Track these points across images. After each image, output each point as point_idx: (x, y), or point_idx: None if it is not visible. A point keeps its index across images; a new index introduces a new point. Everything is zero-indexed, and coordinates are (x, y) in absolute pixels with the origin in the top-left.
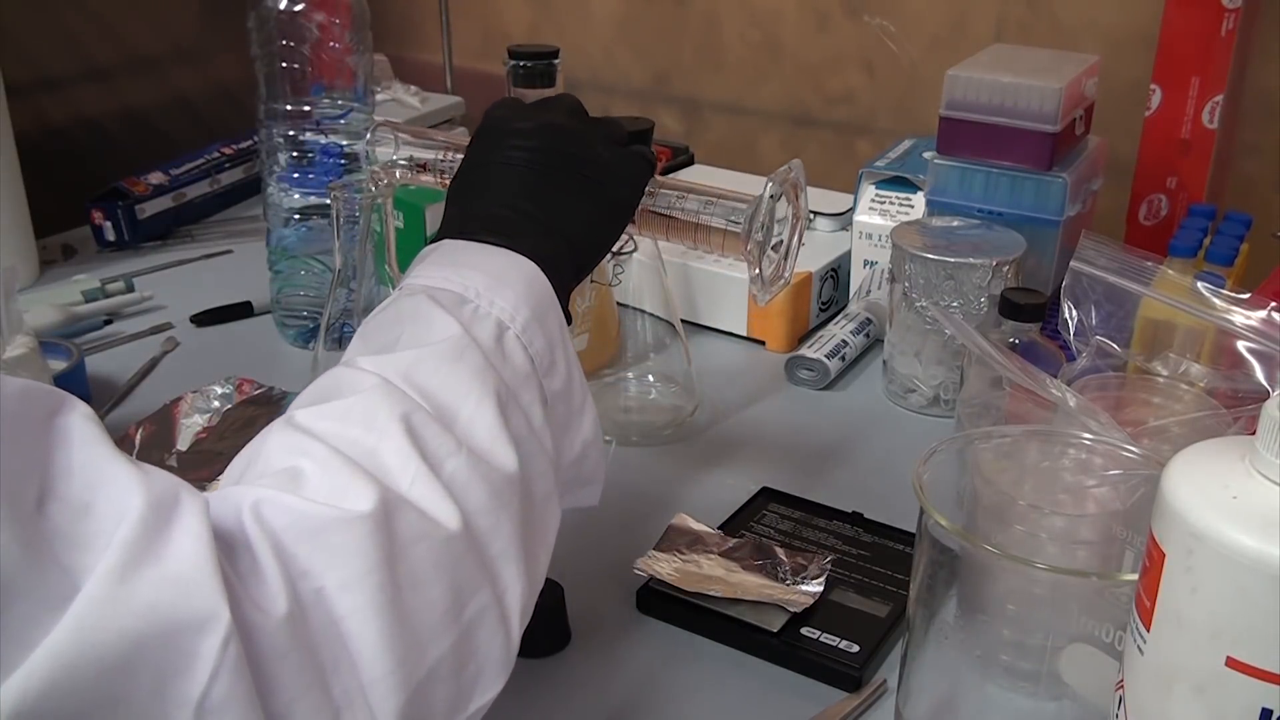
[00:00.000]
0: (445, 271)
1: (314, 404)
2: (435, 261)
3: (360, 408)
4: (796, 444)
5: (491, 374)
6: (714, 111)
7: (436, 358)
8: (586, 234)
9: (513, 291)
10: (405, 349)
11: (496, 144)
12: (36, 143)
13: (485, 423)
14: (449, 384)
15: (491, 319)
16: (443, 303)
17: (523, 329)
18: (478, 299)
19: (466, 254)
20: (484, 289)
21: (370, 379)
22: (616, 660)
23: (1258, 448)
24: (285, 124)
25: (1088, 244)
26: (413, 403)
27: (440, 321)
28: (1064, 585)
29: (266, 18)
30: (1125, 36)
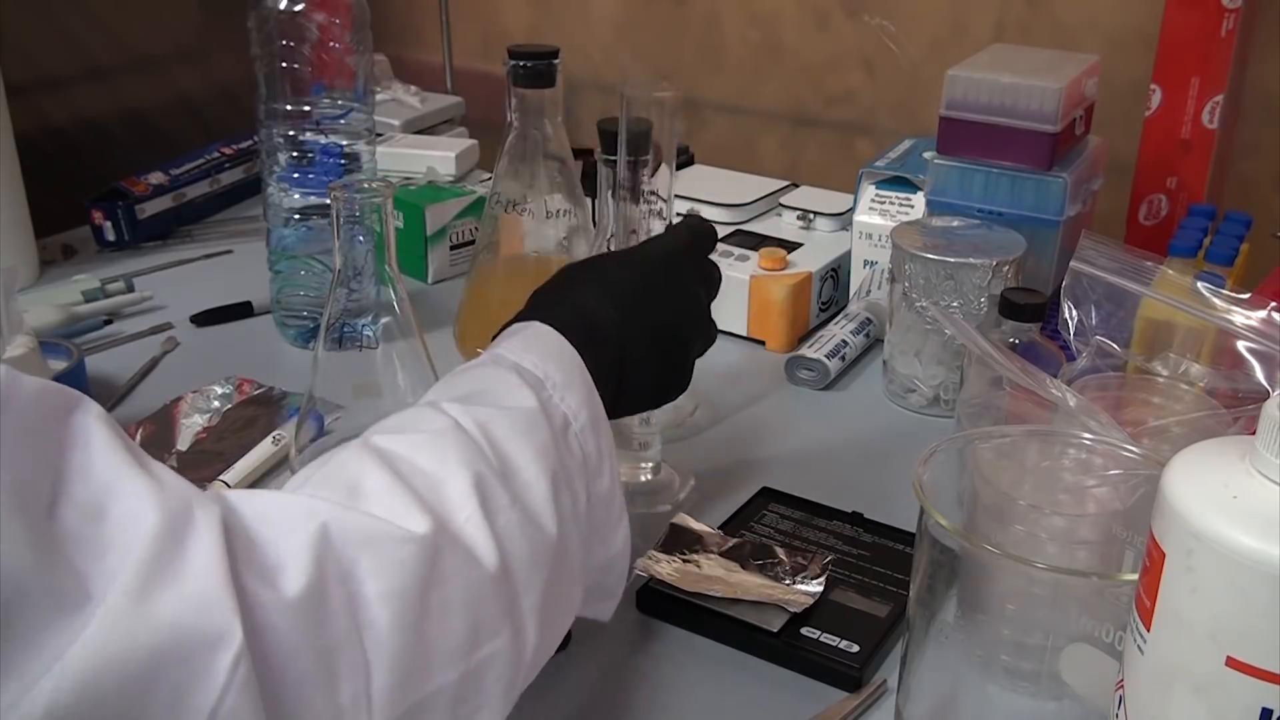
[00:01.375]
0: (533, 356)
1: (393, 432)
2: (527, 343)
3: (435, 444)
4: (796, 444)
5: (554, 453)
6: (714, 111)
7: (511, 421)
8: (643, 395)
9: (577, 396)
10: (486, 405)
11: (652, 269)
12: (36, 143)
13: (540, 490)
14: (517, 447)
15: (560, 412)
16: (526, 379)
17: (581, 429)
18: (553, 390)
19: (553, 346)
20: (560, 383)
21: (449, 421)
22: (616, 660)
23: (1258, 448)
24: (285, 124)
25: (1088, 244)
26: (482, 453)
27: (521, 394)
28: (1064, 585)
29: (266, 18)
30: (1125, 36)
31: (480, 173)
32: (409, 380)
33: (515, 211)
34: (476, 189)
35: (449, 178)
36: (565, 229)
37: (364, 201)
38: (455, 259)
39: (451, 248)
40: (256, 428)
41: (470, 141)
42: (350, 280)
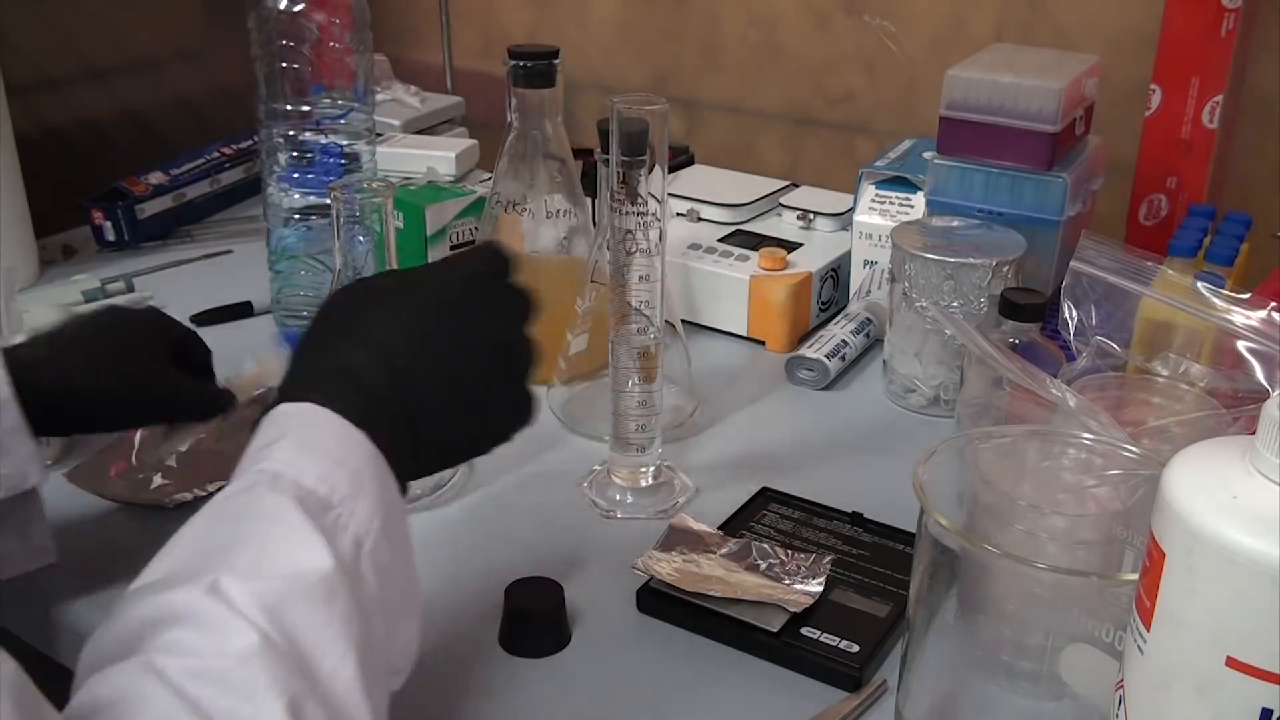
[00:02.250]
0: (313, 465)
1: (173, 635)
2: (302, 445)
3: (238, 672)
4: (796, 444)
5: (356, 617)
6: (714, 111)
7: (307, 598)
8: (450, 449)
9: (369, 499)
10: (273, 574)
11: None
12: (36, 143)
13: (346, 678)
14: (317, 630)
15: (350, 532)
16: (310, 512)
17: (375, 544)
18: (340, 505)
19: (331, 438)
20: (347, 494)
21: (241, 629)
22: (616, 660)
23: (1258, 448)
24: (285, 124)
25: (1088, 244)
26: (289, 666)
27: (310, 544)
28: (1064, 585)
29: (266, 18)
30: (1125, 36)
31: (480, 173)
32: None
33: (515, 211)
34: (476, 189)
35: (449, 178)
36: (565, 229)
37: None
38: None
39: (451, 248)
40: None
41: (470, 141)
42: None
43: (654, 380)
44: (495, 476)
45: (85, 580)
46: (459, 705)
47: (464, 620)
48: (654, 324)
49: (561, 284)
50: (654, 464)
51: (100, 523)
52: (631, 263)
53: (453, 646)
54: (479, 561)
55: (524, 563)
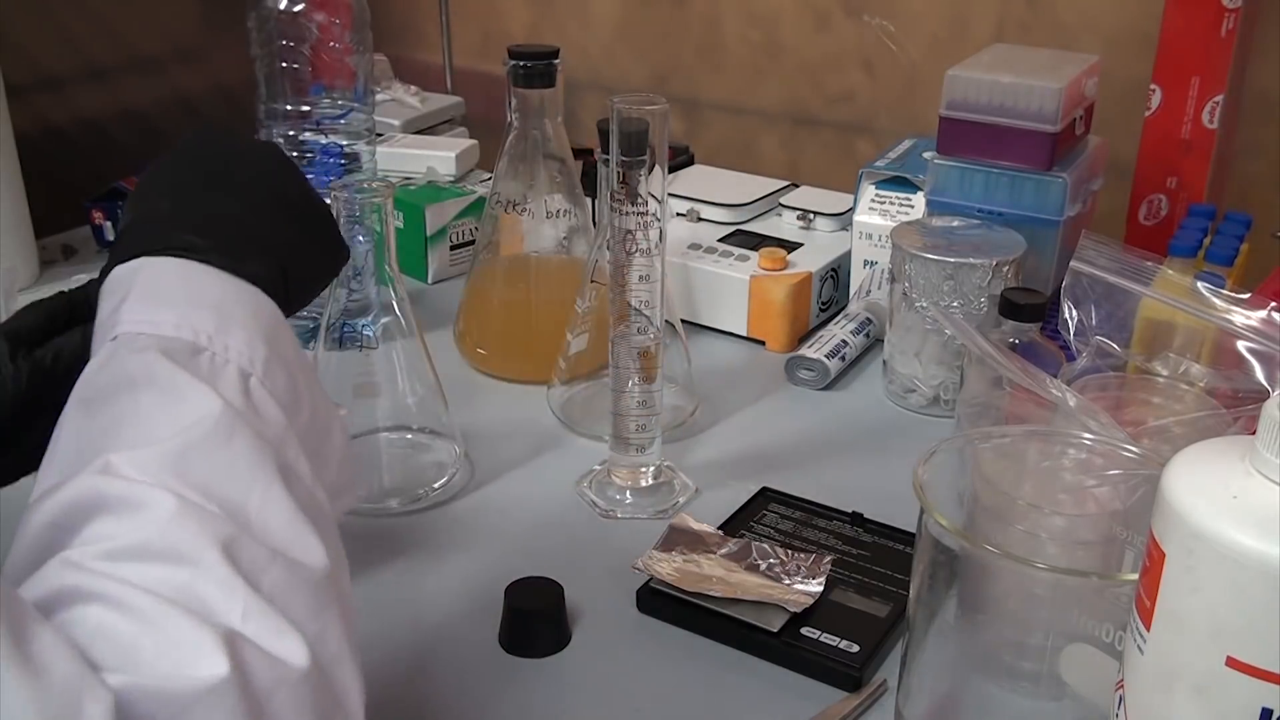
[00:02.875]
0: (162, 310)
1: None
2: (142, 295)
3: (159, 539)
4: (796, 444)
5: (264, 448)
6: (714, 111)
7: (205, 445)
8: (272, 233)
9: (242, 328)
10: (162, 436)
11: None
12: (36, 143)
13: (278, 510)
14: (228, 474)
15: (233, 369)
16: (180, 360)
17: (264, 371)
18: (210, 344)
19: (168, 278)
20: (214, 330)
21: (153, 497)
22: (616, 660)
23: (1258, 448)
24: (285, 124)
25: (1088, 244)
26: (214, 517)
27: (191, 392)
28: (1064, 585)
29: (266, 18)
30: (1125, 36)
31: (480, 173)
32: (409, 380)
33: (515, 211)
34: (476, 189)
35: (449, 178)
36: (565, 229)
37: (364, 201)
38: (455, 259)
39: (451, 248)
40: None
41: (470, 141)
42: (350, 280)
43: (654, 380)
44: (495, 476)
45: None
46: (458, 705)
47: (463, 620)
48: (654, 324)
49: (561, 284)
50: (654, 464)
51: None
52: (631, 263)
53: (452, 647)
54: (479, 561)
55: (524, 563)
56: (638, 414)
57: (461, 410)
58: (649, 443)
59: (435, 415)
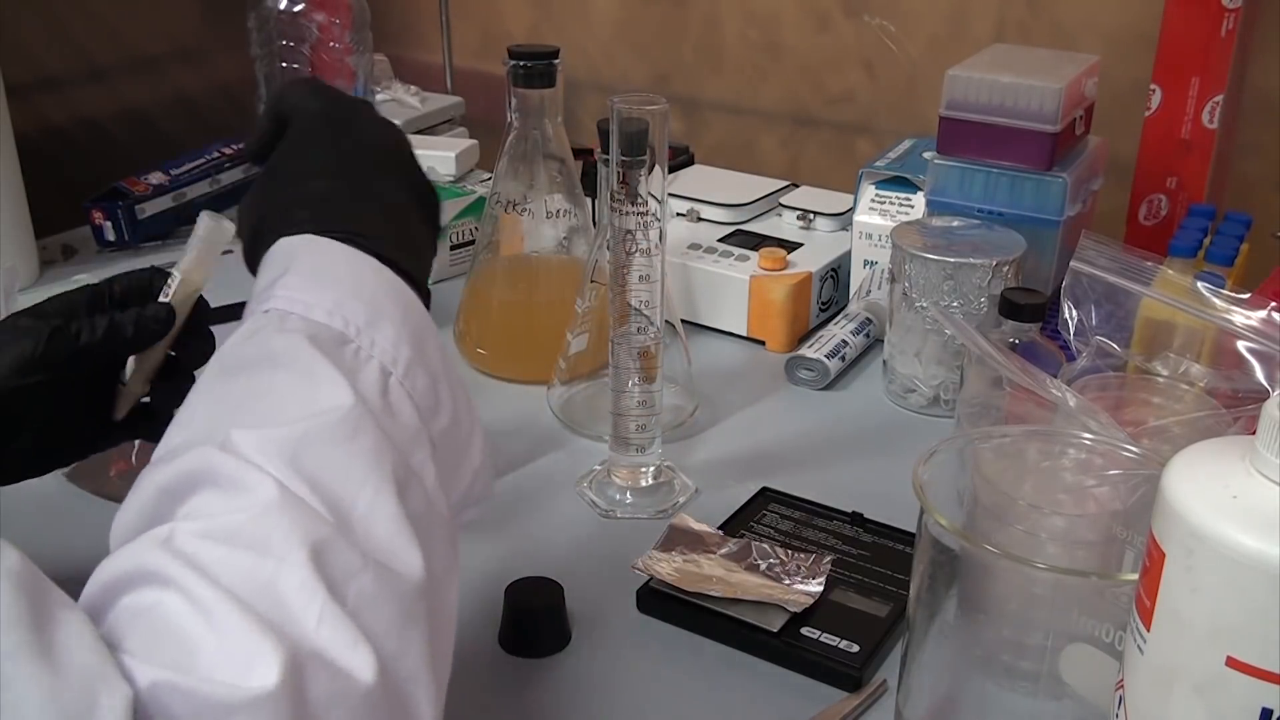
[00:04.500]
0: (319, 293)
1: (190, 500)
2: (309, 277)
3: (252, 527)
4: (796, 444)
5: (388, 450)
6: (714, 111)
7: (327, 437)
8: (419, 232)
9: (391, 325)
10: (288, 419)
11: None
12: (36, 143)
13: (385, 515)
14: (343, 470)
15: (374, 364)
16: (324, 348)
17: (405, 372)
18: (358, 337)
19: (331, 261)
20: (364, 324)
21: (258, 481)
22: (616, 660)
23: (1258, 448)
24: None
25: (1088, 244)
26: (310, 510)
27: (327, 381)
28: (1064, 585)
29: (266, 18)
30: (1125, 36)
31: (480, 173)
32: None
33: (515, 211)
34: (476, 189)
35: (449, 178)
36: (565, 229)
37: None
38: (455, 259)
39: (451, 248)
40: None
41: (470, 141)
42: None
43: (654, 380)
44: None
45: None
46: (458, 705)
47: (463, 620)
48: (654, 324)
49: (561, 284)
50: (654, 464)
51: (100, 523)
52: (631, 263)
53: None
54: (479, 561)
55: (524, 563)
56: (638, 414)
57: None
58: (649, 443)
59: None
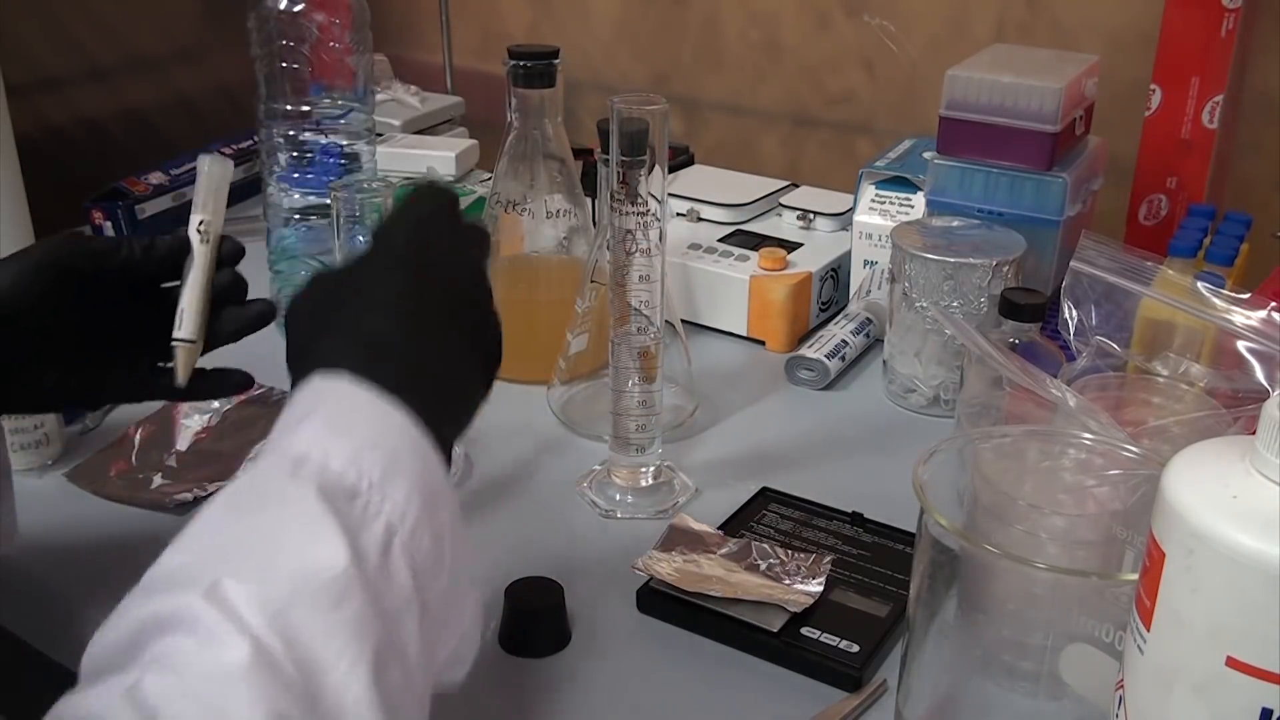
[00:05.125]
0: (339, 440)
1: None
2: (328, 418)
3: (218, 690)
4: (796, 444)
5: (374, 621)
6: (714, 111)
7: (314, 600)
8: (469, 392)
9: (406, 481)
10: (281, 574)
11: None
12: (36, 143)
13: (356, 693)
14: (323, 637)
15: (381, 521)
16: (333, 501)
17: (411, 532)
18: (369, 491)
19: (358, 408)
20: (378, 477)
21: (236, 641)
22: (616, 660)
23: (1258, 448)
24: (285, 124)
25: (1088, 244)
26: (282, 684)
27: (327, 540)
28: (1064, 585)
29: (266, 18)
30: (1125, 36)
31: (480, 173)
32: None
33: (515, 211)
34: (476, 189)
35: (449, 178)
36: (565, 229)
37: (364, 201)
38: None
39: None
40: (256, 428)
41: (470, 141)
42: None
43: (654, 380)
44: (495, 476)
45: (86, 580)
46: (458, 705)
47: None
48: (654, 324)
49: (561, 284)
50: (654, 464)
51: (100, 523)
52: (631, 263)
53: None
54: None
55: (524, 563)
56: (638, 414)
57: None
58: (649, 443)
59: None
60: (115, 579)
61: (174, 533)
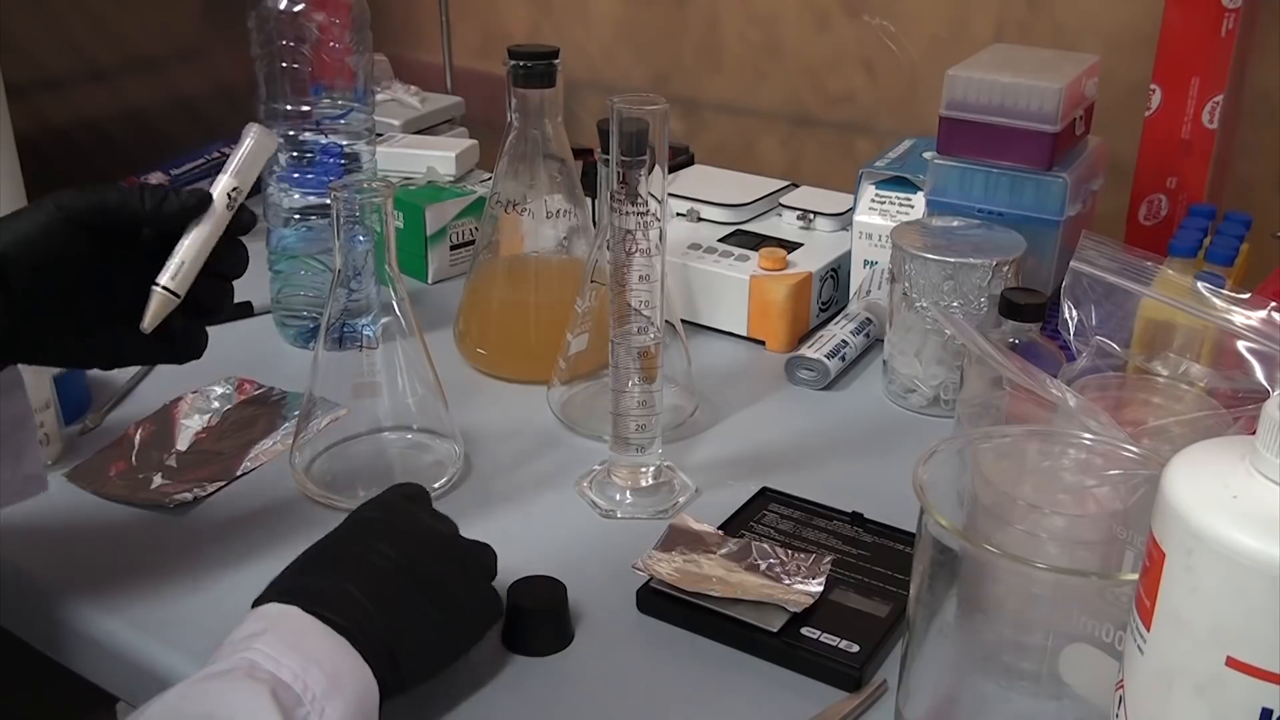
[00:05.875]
0: (290, 657)
1: None
2: (282, 636)
3: None
4: (796, 444)
5: None
6: (714, 111)
7: None
8: (422, 657)
9: (342, 703)
10: None
11: (363, 536)
12: (36, 143)
13: None
14: None
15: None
16: (282, 705)
17: None
18: (311, 704)
19: (312, 636)
20: (320, 693)
21: None
22: (616, 660)
23: (1258, 448)
24: (285, 124)
25: (1088, 244)
26: None
27: None
28: (1064, 585)
29: (266, 18)
30: (1125, 36)
31: (480, 173)
32: (409, 380)
33: (515, 211)
34: (476, 189)
35: (449, 178)
36: (565, 229)
37: (364, 201)
38: (455, 259)
39: (451, 248)
40: (256, 428)
41: (470, 141)
42: (350, 280)
43: (654, 380)
44: (495, 476)
45: (86, 580)
46: (461, 703)
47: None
48: (654, 324)
49: (561, 284)
50: (654, 464)
51: (100, 523)
52: (631, 263)
53: None
54: None
55: (524, 562)
56: (638, 414)
57: (461, 410)
58: (649, 443)
59: (435, 415)
60: (115, 579)
61: (174, 532)
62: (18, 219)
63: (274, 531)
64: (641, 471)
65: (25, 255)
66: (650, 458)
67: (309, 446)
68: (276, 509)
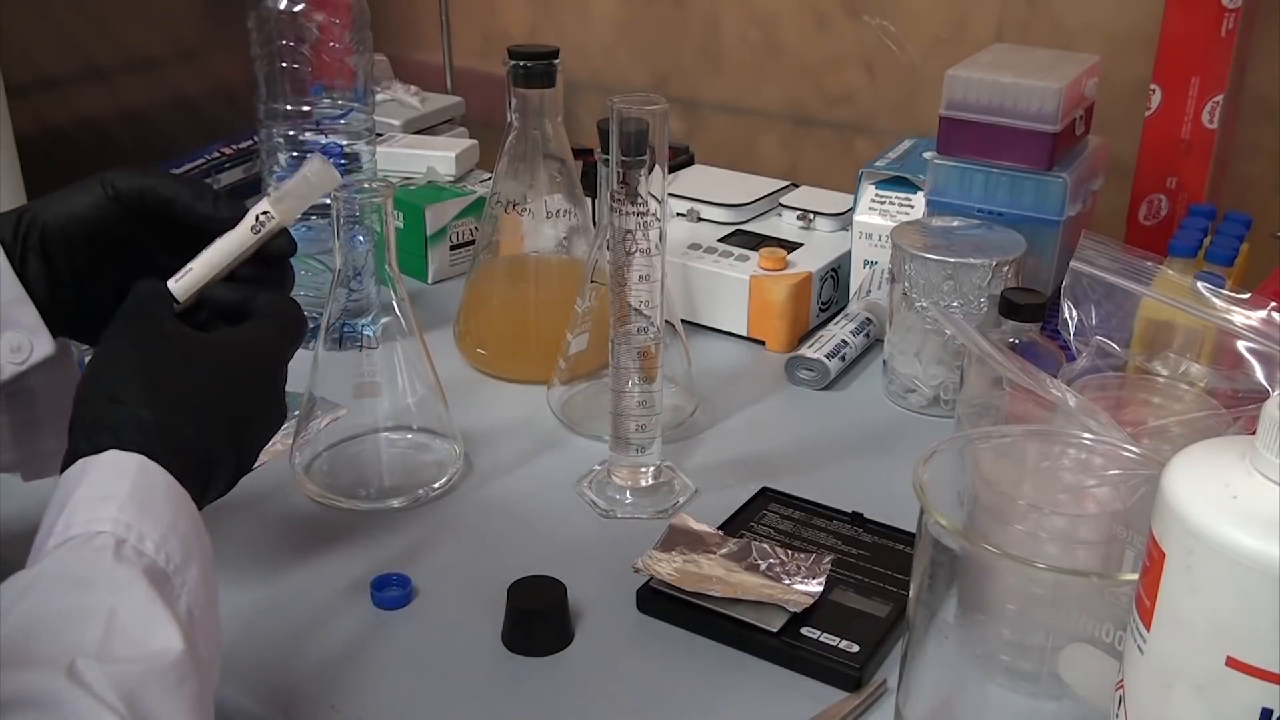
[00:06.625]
0: (150, 525)
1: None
2: (138, 499)
3: None
4: (796, 444)
5: (204, 696)
6: (714, 111)
7: (162, 682)
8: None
9: (198, 568)
10: (129, 655)
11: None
12: (36, 143)
13: None
14: (173, 716)
15: (183, 604)
16: (158, 586)
17: (201, 613)
18: (175, 576)
19: (161, 494)
20: (180, 562)
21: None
22: (616, 660)
23: (1258, 447)
24: (285, 124)
25: (1088, 244)
26: None
27: (160, 624)
28: (1064, 585)
29: (266, 18)
30: (1125, 36)
31: (480, 173)
32: (409, 380)
33: (515, 211)
34: (476, 189)
35: (449, 178)
36: (565, 229)
37: (364, 201)
38: (455, 259)
39: (451, 248)
40: None
41: (470, 141)
42: (350, 280)
43: (654, 380)
44: (495, 476)
45: None
46: (461, 702)
47: (464, 619)
48: (654, 324)
49: (561, 284)
50: (654, 464)
51: None
52: (631, 263)
53: (455, 644)
54: (478, 561)
55: (523, 562)
56: (638, 414)
57: (461, 410)
58: (649, 443)
59: (435, 415)
60: None
61: None
62: (67, 195)
63: (274, 531)
64: (641, 472)
65: (70, 231)
66: (650, 458)
67: (309, 446)
68: (276, 509)
